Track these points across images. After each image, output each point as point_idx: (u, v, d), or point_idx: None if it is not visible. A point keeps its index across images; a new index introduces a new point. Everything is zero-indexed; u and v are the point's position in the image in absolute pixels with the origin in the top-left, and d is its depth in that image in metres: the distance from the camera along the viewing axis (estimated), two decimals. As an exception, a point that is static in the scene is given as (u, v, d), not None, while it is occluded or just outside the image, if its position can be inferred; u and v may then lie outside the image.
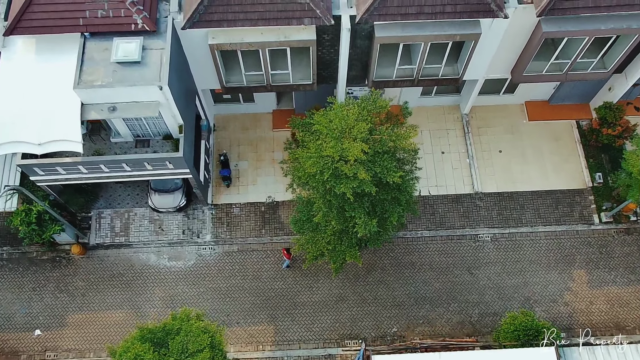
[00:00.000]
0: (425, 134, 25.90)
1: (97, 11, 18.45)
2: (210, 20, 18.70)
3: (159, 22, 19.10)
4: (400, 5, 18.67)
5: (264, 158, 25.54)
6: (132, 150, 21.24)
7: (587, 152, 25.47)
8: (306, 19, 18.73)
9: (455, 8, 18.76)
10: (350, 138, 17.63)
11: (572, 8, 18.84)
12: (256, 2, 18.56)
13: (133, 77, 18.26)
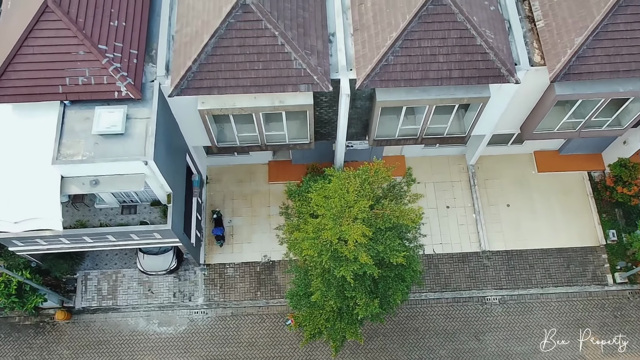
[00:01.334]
0: (429, 187, 24.61)
1: (77, 78, 17.14)
2: (200, 87, 17.39)
3: (144, 88, 17.80)
4: (403, 70, 17.38)
5: (259, 213, 24.24)
6: (117, 218, 19.92)
7: (600, 207, 24.18)
8: (302, 85, 17.42)
9: (463, 73, 17.46)
10: (350, 218, 16.37)
11: (588, 72, 17.55)
12: (249, 68, 17.27)
13: (116, 151, 16.95)
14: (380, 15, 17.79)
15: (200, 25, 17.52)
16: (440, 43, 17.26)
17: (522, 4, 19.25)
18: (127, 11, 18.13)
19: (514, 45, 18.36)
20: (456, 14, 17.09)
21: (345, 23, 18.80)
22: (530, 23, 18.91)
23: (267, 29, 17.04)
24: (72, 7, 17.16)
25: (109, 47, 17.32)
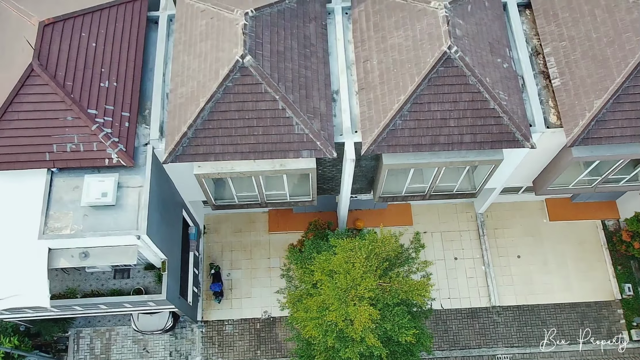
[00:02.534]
0: (435, 237, 23.58)
1: (65, 144, 16.11)
2: (196, 154, 16.35)
3: (137, 153, 16.78)
4: (412, 135, 16.36)
5: (259, 265, 23.21)
6: (110, 283, 18.88)
7: (615, 259, 23.17)
8: (305, 151, 16.39)
9: (475, 138, 16.44)
10: (356, 297, 15.36)
11: (608, 137, 16.54)
12: (248, 134, 16.25)
13: (107, 224, 15.91)
14: (387, 75, 16.77)
15: (196, 87, 16.50)
16: (451, 107, 16.25)
17: (537, 58, 18.24)
18: (118, 70, 17.11)
19: (529, 104, 17.36)
20: (468, 76, 16.07)
21: (350, 80, 17.79)
22: (545, 79, 17.89)
23: (267, 92, 16.03)
24: (60, 70, 16.14)
25: (99, 111, 16.30)
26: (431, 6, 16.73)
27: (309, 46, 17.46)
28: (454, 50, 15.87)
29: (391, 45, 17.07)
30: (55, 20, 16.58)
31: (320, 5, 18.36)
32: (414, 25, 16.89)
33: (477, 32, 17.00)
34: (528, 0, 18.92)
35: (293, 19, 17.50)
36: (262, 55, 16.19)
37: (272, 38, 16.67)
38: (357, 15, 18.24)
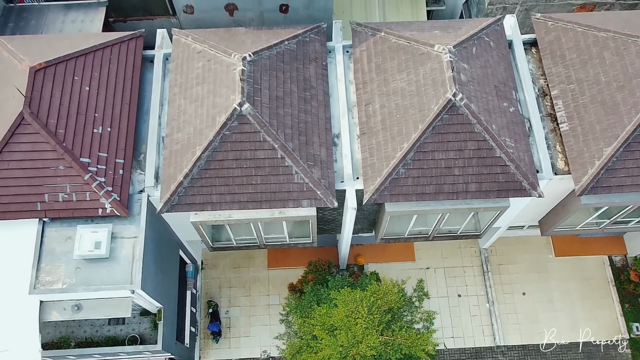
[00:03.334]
0: (439, 273, 23.06)
1: (57, 194, 15.60)
2: (192, 203, 15.83)
3: (131, 201, 16.25)
4: (415, 184, 15.83)
5: (258, 303, 22.69)
6: (104, 329, 18.35)
7: (622, 296, 22.63)
8: (305, 200, 15.86)
9: (481, 187, 15.91)
10: (358, 355, 14.83)
11: (619, 186, 16.00)
12: (245, 183, 15.72)
13: (100, 277, 15.39)
14: (390, 121, 16.24)
15: (193, 133, 15.98)
16: (456, 155, 15.72)
17: (543, 99, 17.72)
18: (112, 114, 16.59)
19: (535, 149, 16.82)
20: (473, 124, 15.55)
21: (351, 122, 17.27)
22: (552, 122, 17.37)
23: (265, 141, 15.51)
24: (51, 117, 15.63)
25: (92, 159, 15.78)
26: (435, 50, 16.21)
27: (309, 89, 16.94)
28: (459, 98, 15.35)
29: (394, 89, 16.54)
30: (47, 64, 16.06)
31: (320, 45, 17.85)
32: (418, 69, 16.37)
33: (483, 76, 16.48)
34: (534, 39, 18.42)
35: (292, 61, 16.99)
36: (260, 102, 15.68)
37: (270, 83, 16.16)
38: (359, 55, 17.73)
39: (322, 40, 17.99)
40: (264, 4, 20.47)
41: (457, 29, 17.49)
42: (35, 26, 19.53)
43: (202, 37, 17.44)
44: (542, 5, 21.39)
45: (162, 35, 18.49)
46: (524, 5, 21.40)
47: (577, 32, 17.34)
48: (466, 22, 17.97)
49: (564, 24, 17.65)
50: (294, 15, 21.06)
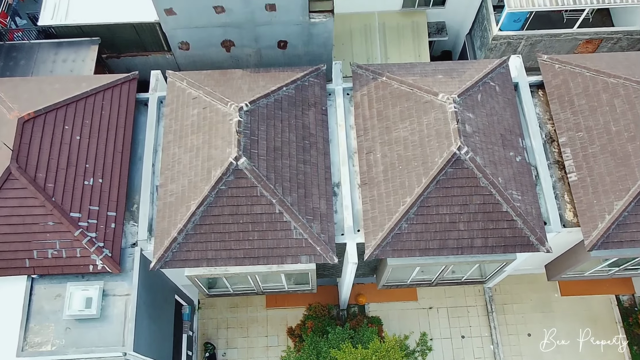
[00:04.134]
0: (441, 313, 22.45)
1: (47, 251, 15.01)
2: (186, 260, 15.21)
3: (123, 255, 15.64)
4: (418, 239, 15.23)
5: (256, 344, 22.07)
6: (96, 382, 17.73)
7: (631, 338, 22.01)
8: (304, 256, 15.26)
9: (487, 242, 15.31)
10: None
11: (630, 241, 15.40)
12: (242, 239, 15.12)
13: (91, 338, 14.77)
14: (392, 172, 15.64)
15: (187, 186, 15.39)
16: (461, 209, 15.12)
17: (551, 145, 17.12)
18: (104, 164, 16.00)
19: (543, 199, 16.22)
20: (479, 178, 14.95)
21: (352, 170, 16.67)
22: (560, 170, 16.77)
23: (262, 195, 14.90)
24: (40, 171, 15.03)
25: (83, 213, 15.19)
26: (439, 99, 15.62)
27: (308, 137, 16.34)
28: (464, 152, 14.76)
29: (396, 139, 15.95)
30: (36, 114, 15.47)
31: (320, 89, 17.25)
32: (421, 118, 15.77)
33: (489, 125, 15.89)
34: (540, 81, 17.82)
35: (291, 107, 16.40)
36: (257, 155, 15.08)
37: (268, 133, 15.57)
38: (360, 100, 17.13)
39: (322, 83, 17.40)
40: (262, 41, 19.88)
41: (461, 72, 16.89)
42: (25, 66, 18.93)
43: (198, 82, 16.86)
44: (547, 40, 20.80)
45: (157, 77, 17.92)
46: (529, 40, 20.81)
47: (586, 77, 16.74)
48: (470, 65, 17.37)
49: (571, 67, 17.06)
50: (292, 51, 20.48)
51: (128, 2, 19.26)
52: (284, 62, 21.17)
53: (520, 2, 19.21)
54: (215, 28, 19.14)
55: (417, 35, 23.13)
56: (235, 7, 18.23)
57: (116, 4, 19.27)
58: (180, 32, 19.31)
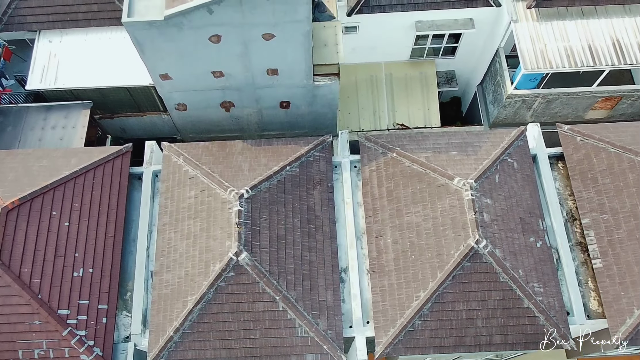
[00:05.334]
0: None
1: (33, 351, 13.95)
2: (183, 359, 14.16)
3: (116, 352, 14.57)
4: (433, 337, 14.15)
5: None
6: None
7: (652, 408, 20.98)
8: (309, 355, 14.20)
9: (506, 339, 14.19)
10: None
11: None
12: (243, 337, 14.07)
13: None
14: (404, 261, 14.57)
15: (184, 278, 14.32)
16: (479, 305, 14.05)
17: (572, 225, 16.04)
18: (95, 251, 14.92)
19: (565, 285, 15.14)
20: (498, 273, 13.89)
21: (360, 254, 15.59)
22: (583, 253, 15.69)
23: (265, 292, 13.84)
24: (25, 265, 13.96)
25: (72, 309, 14.12)
26: (454, 184, 14.53)
27: (314, 220, 15.26)
28: (482, 245, 13.69)
29: (408, 224, 14.87)
30: (21, 202, 14.38)
31: (325, 163, 16.18)
32: (435, 203, 14.69)
33: (507, 209, 14.81)
34: (560, 152, 16.74)
35: (295, 189, 15.32)
36: (259, 247, 14.01)
37: (271, 221, 14.49)
38: (368, 176, 16.05)
39: (328, 156, 16.32)
40: (263, 102, 18.82)
41: (477, 148, 15.81)
42: (12, 133, 17.85)
43: (195, 158, 15.79)
44: (565, 98, 19.72)
45: (151, 148, 16.86)
46: (545, 98, 19.73)
47: (610, 154, 15.66)
48: (486, 137, 16.28)
49: (594, 141, 15.96)
50: (295, 110, 19.42)
51: (120, 65, 18.18)
52: (287, 122, 20.13)
53: (536, 63, 18.12)
54: (214, 91, 18.08)
55: (425, 87, 22.05)
56: (234, 72, 17.16)
57: (108, 66, 18.19)
58: (176, 95, 18.24)
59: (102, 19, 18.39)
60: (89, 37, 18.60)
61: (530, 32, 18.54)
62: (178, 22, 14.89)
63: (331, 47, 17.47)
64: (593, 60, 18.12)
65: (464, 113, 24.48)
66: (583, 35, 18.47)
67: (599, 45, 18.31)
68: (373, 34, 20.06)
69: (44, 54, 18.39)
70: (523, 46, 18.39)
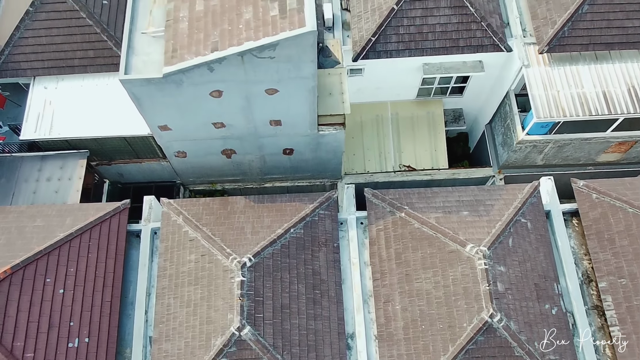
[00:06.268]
0: None
1: None
2: None
3: None
4: (445, 413, 13.53)
5: None
6: None
7: None
8: None
9: (521, 415, 13.60)
10: None
11: (683, 413, 13.69)
12: (246, 413, 13.43)
13: None
14: (414, 331, 13.94)
15: (184, 349, 13.73)
16: (495, 375, 13.42)
17: (588, 286, 15.40)
18: (91, 319, 14.31)
19: (582, 355, 14.47)
20: (513, 347, 13.25)
21: (367, 318, 14.94)
22: (600, 317, 15.06)
23: (269, 367, 13.22)
24: (18, 339, 13.33)
25: (67, 384, 13.50)
26: (467, 251, 13.89)
27: (319, 285, 14.64)
28: (496, 319, 13.07)
29: (417, 290, 14.24)
30: (14, 270, 13.75)
31: (331, 222, 15.55)
32: (446, 270, 14.06)
33: (522, 276, 14.18)
34: (575, 208, 16.10)
35: (300, 251, 14.69)
36: (262, 319, 13.39)
37: (274, 289, 13.88)
38: (375, 235, 15.41)
39: (333, 214, 15.68)
40: (266, 149, 18.21)
41: (488, 207, 15.18)
42: (6, 186, 17.23)
43: (195, 218, 15.17)
44: (577, 143, 19.08)
45: (150, 204, 16.23)
46: (557, 143, 19.09)
47: (628, 214, 15.02)
48: (498, 194, 15.66)
49: (611, 200, 15.32)
50: (299, 156, 18.81)
51: (118, 113, 17.55)
52: (290, 167, 19.53)
53: (549, 112, 17.46)
54: (215, 140, 17.46)
55: (433, 127, 21.40)
56: (236, 123, 16.56)
57: (105, 114, 17.56)
58: (176, 144, 17.63)
59: (99, 65, 17.77)
60: (86, 82, 17.97)
61: (542, 78, 17.89)
62: (177, 79, 14.27)
63: (336, 96, 16.83)
64: (608, 108, 17.47)
65: (471, 149, 23.83)
66: (597, 81, 17.82)
67: (614, 92, 17.67)
68: (379, 75, 19.43)
69: (39, 101, 17.77)
70: (535, 93, 17.74)
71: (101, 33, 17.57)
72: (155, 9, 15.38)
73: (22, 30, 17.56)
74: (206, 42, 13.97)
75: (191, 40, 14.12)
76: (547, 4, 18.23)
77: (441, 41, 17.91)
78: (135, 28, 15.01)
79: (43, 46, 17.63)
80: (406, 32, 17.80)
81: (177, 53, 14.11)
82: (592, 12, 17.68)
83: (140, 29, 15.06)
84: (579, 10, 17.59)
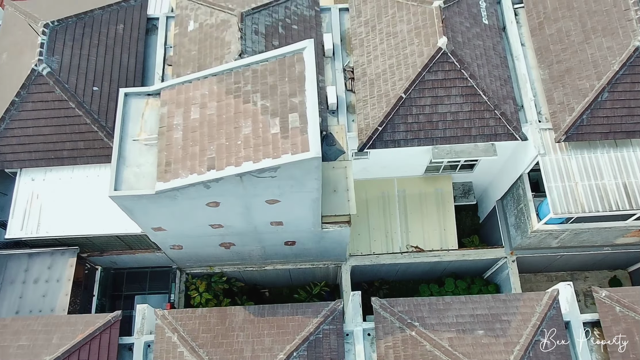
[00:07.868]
0: None
1: None
2: None
3: None
4: None
5: None
6: None
7: None
8: None
9: None
10: None
11: None
12: None
13: None
14: None
15: None
16: None
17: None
18: None
19: None
20: None
21: None
22: None
23: None
24: None
25: None
26: None
27: (324, 413, 13.63)
28: None
29: (430, 423, 13.22)
30: (-5, 406, 12.77)
31: (336, 337, 14.55)
32: None
33: (542, 407, 13.16)
34: (597, 319, 15.09)
35: (303, 377, 13.67)
36: None
37: None
38: (384, 353, 14.37)
39: (339, 328, 14.67)
40: (266, 242, 17.22)
41: (505, 324, 14.20)
42: (-10, 289, 16.22)
43: (192, 336, 14.23)
44: (595, 230, 18.06)
45: (143, 314, 15.24)
46: (573, 232, 18.09)
47: (656, 334, 14.01)
48: (515, 307, 14.65)
49: (636, 315, 14.31)
50: (301, 246, 17.83)
51: (109, 208, 16.46)
52: (292, 254, 18.54)
53: (566, 207, 16.43)
54: (213, 236, 16.49)
55: (442, 205, 20.39)
56: (235, 225, 15.58)
57: (96, 209, 16.55)
58: (171, 240, 16.64)
59: (90, 156, 16.77)
60: (75, 174, 16.99)
61: (559, 168, 16.87)
62: (171, 195, 13.28)
63: (341, 193, 15.85)
64: (629, 202, 16.45)
65: (480, 219, 22.79)
66: (617, 171, 16.81)
67: (636, 184, 16.65)
68: (385, 159, 18.43)
69: (25, 195, 16.77)
70: (552, 185, 16.71)
71: (92, 124, 16.56)
72: (148, 111, 14.39)
73: (7, 121, 16.55)
74: (202, 158, 12.99)
75: (186, 154, 13.15)
76: (564, 88, 17.21)
77: (452, 130, 16.91)
78: (126, 134, 14.03)
79: (30, 137, 16.63)
80: (415, 121, 16.80)
81: (170, 167, 13.13)
82: (613, 100, 16.66)
83: (132, 135, 14.09)
84: (598, 97, 16.57)
